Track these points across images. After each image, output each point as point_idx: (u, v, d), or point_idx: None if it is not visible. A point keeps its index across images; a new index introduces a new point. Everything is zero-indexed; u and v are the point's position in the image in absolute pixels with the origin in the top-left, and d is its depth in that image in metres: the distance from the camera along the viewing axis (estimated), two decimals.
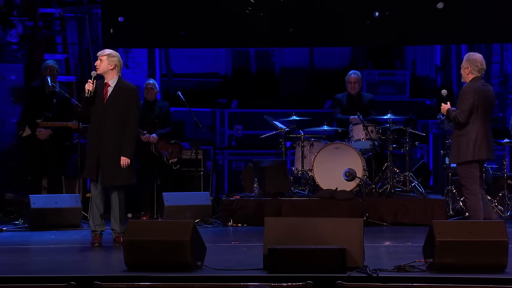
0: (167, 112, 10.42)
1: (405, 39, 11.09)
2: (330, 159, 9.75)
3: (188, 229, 6.43)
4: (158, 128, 10.19)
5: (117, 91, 7.82)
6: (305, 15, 10.62)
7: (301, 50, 12.84)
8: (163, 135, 10.23)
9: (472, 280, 5.87)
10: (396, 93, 12.16)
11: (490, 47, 12.19)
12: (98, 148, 7.80)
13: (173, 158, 10.27)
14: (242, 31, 10.76)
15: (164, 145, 10.25)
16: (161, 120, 10.28)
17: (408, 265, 6.32)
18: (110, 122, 7.78)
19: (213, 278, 6.10)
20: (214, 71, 12.97)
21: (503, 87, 12.10)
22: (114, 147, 7.76)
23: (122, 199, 7.93)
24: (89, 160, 7.89)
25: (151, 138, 10.09)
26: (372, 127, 9.98)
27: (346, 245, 6.23)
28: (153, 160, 10.19)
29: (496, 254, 6.25)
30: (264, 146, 11.13)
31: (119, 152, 7.77)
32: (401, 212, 9.58)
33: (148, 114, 10.17)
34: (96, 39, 11.87)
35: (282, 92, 12.73)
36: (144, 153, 10.05)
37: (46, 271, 6.53)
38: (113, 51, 7.94)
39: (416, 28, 10.60)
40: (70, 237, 8.79)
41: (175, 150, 10.30)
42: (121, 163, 7.77)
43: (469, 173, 7.96)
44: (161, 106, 10.39)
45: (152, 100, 10.30)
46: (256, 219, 9.29)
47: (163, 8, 10.68)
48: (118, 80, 7.87)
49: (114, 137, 7.78)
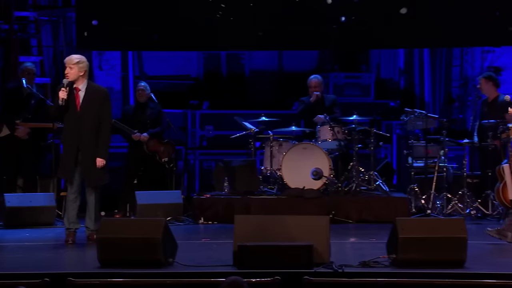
0: (159, 113, 10.42)
1: (370, 43, 11.15)
2: (298, 158, 9.76)
3: (160, 227, 6.42)
4: (149, 128, 10.22)
5: (89, 96, 7.80)
6: (274, 20, 10.63)
7: (270, 53, 12.85)
8: (154, 134, 10.24)
9: (433, 274, 5.91)
10: (362, 95, 12.20)
11: (450, 51, 12.28)
12: (76, 152, 7.79)
13: (165, 157, 10.26)
14: (213, 34, 10.75)
15: (156, 144, 10.25)
16: (152, 120, 10.31)
17: (372, 260, 6.35)
18: (86, 126, 7.77)
19: (184, 274, 6.08)
20: (186, 73, 12.93)
21: (463, 90, 12.20)
22: (92, 150, 7.78)
23: (98, 198, 7.93)
24: (65, 162, 7.87)
25: (141, 137, 10.12)
26: (338, 128, 10.01)
27: (313, 242, 6.25)
28: (144, 159, 10.20)
29: (456, 250, 6.30)
30: (234, 146, 11.12)
31: (96, 154, 7.78)
32: (366, 210, 9.63)
33: (140, 115, 10.24)
34: (71, 42, 11.79)
35: (252, 94, 12.73)
36: (135, 152, 10.07)
37: (20, 268, 6.47)
38: (81, 56, 7.87)
39: (381, 32, 10.66)
40: (44, 235, 8.72)
41: (167, 149, 10.30)
42: (97, 164, 7.76)
43: None
44: (153, 107, 10.40)
45: (143, 102, 10.32)
46: (226, 217, 9.26)
47: (136, 12, 10.64)
48: (88, 85, 7.85)
49: (91, 140, 7.78)
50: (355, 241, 8.19)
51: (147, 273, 6.01)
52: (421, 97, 12.39)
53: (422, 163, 10.12)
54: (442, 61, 12.33)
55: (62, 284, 5.68)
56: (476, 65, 12.12)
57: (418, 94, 12.43)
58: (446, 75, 12.29)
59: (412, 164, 10.19)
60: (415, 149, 10.21)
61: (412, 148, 10.21)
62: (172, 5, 10.62)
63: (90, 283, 5.57)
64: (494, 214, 9.71)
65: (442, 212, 9.71)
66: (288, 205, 9.53)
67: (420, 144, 10.24)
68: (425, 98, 12.34)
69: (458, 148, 10.52)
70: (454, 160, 10.68)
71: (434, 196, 9.78)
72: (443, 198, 9.83)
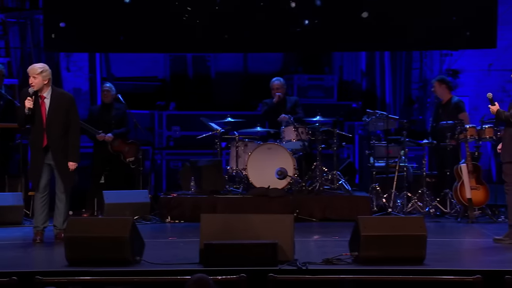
0: (124, 113, 10.36)
1: (333, 46, 11.21)
2: (263, 158, 9.78)
3: (127, 225, 6.39)
4: (114, 128, 10.15)
5: (55, 102, 7.79)
6: (239, 23, 10.64)
7: (235, 55, 12.85)
8: (119, 134, 10.19)
9: (393, 271, 5.96)
10: (325, 97, 12.25)
11: (410, 55, 12.38)
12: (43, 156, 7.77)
13: (130, 157, 10.21)
14: (179, 37, 10.72)
15: (120, 144, 10.19)
16: (117, 121, 10.24)
17: (335, 258, 6.38)
18: (54, 131, 7.77)
19: (151, 272, 6.07)
20: (152, 74, 12.88)
21: (422, 92, 12.31)
22: (62, 154, 7.79)
23: (68, 199, 7.91)
24: (34, 168, 7.87)
25: (106, 137, 10.06)
26: (302, 129, 10.05)
27: (278, 240, 6.26)
28: (109, 159, 10.14)
29: (415, 247, 6.36)
30: (201, 146, 11.10)
31: (67, 158, 7.80)
32: (329, 209, 9.67)
33: (105, 115, 10.18)
34: (38, 44, 11.69)
35: (218, 95, 12.72)
36: (100, 152, 10.00)
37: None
38: (43, 65, 7.85)
39: (343, 36, 10.71)
40: (12, 234, 8.63)
41: (132, 149, 10.24)
42: (69, 168, 7.80)
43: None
44: (118, 107, 10.33)
45: (109, 102, 10.26)
46: (193, 215, 9.26)
47: (103, 14, 10.58)
48: (53, 91, 7.84)
49: (60, 144, 7.79)
50: (319, 239, 8.22)
51: (115, 271, 5.98)
52: (382, 98, 12.47)
53: (383, 163, 10.20)
54: (402, 64, 12.43)
55: (30, 283, 5.63)
56: (435, 68, 12.23)
57: (379, 96, 12.52)
58: (406, 78, 12.39)
59: (373, 164, 10.26)
60: (377, 149, 10.28)
61: (373, 148, 10.29)
62: (138, 7, 10.57)
63: (58, 281, 5.52)
64: (452, 212, 9.81)
65: (402, 210, 9.79)
66: (254, 204, 9.53)
67: (381, 144, 10.32)
68: (386, 100, 12.43)
69: (417, 148, 10.62)
70: (414, 160, 10.78)
71: (395, 195, 9.86)
72: (404, 197, 9.90)
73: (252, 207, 9.37)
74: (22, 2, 12.00)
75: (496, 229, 8.83)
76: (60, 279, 5.64)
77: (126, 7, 10.56)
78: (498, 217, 9.57)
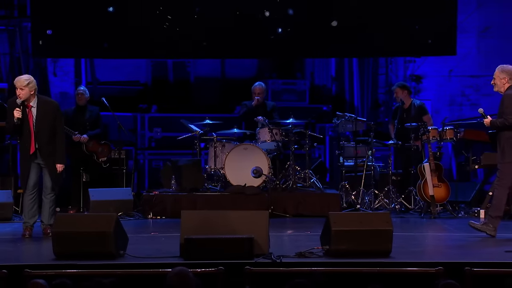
0: (97, 116, 10.31)
1: (304, 52, 11.23)
2: (240, 158, 9.77)
3: (112, 221, 6.36)
4: (88, 130, 10.08)
5: (41, 110, 7.79)
6: (217, 31, 10.63)
7: (213, 61, 12.83)
8: (93, 136, 10.12)
9: (362, 264, 5.98)
10: (297, 100, 12.26)
11: (377, 61, 12.44)
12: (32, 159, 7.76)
13: (103, 157, 10.15)
14: (160, 44, 10.69)
15: (94, 145, 10.13)
16: (91, 122, 10.18)
17: (307, 251, 6.39)
18: (42, 137, 7.77)
19: (134, 265, 6.05)
20: (135, 79, 12.82)
21: (388, 96, 12.36)
22: (51, 157, 7.79)
23: (55, 197, 7.90)
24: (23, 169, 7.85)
25: (81, 138, 9.98)
26: (276, 130, 10.05)
27: (254, 235, 6.26)
28: (84, 159, 10.06)
29: (382, 241, 6.37)
30: (181, 146, 11.06)
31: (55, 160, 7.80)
32: (302, 205, 9.68)
33: (79, 117, 10.08)
34: (26, 50, 11.61)
35: (197, 98, 12.68)
36: (75, 152, 9.92)
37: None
38: (29, 77, 7.83)
39: (314, 43, 10.75)
40: (2, 229, 8.55)
41: (104, 150, 10.19)
42: (58, 169, 7.80)
43: (510, 170, 7.69)
44: (92, 110, 10.28)
45: (83, 105, 10.18)
46: (174, 212, 9.22)
47: (88, 22, 10.53)
48: (38, 100, 7.83)
49: (48, 148, 7.79)
50: (292, 234, 8.22)
51: (100, 265, 5.96)
52: (350, 102, 12.52)
53: (352, 162, 10.24)
54: (369, 70, 12.48)
55: (19, 276, 5.58)
56: (400, 73, 12.30)
57: (348, 99, 12.56)
58: (373, 82, 12.44)
59: (343, 163, 10.28)
60: (346, 149, 10.31)
61: (343, 148, 10.31)
62: (121, 15, 10.54)
63: (46, 274, 5.47)
64: (416, 208, 9.87)
65: (370, 206, 9.82)
66: (231, 201, 9.51)
67: (350, 145, 10.35)
68: (354, 103, 12.47)
69: (384, 149, 10.67)
70: (380, 160, 10.83)
71: (363, 192, 9.89)
72: (371, 194, 9.94)
73: (229, 204, 9.35)
74: (11, 10, 11.91)
75: (456, 223, 8.92)
76: (48, 272, 5.59)
77: (110, 15, 10.52)
78: (458, 213, 9.65)
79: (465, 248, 7.15)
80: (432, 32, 10.62)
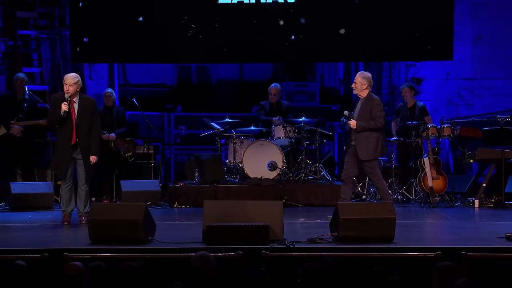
0: (123, 115, 10.30)
1: (315, 57, 11.22)
2: (257, 153, 9.75)
3: (141, 210, 6.37)
4: (115, 128, 10.07)
5: (82, 106, 7.82)
6: (236, 38, 10.62)
7: (232, 65, 12.82)
8: (120, 134, 10.11)
9: (368, 249, 5.96)
10: (309, 100, 12.23)
11: (381, 65, 12.37)
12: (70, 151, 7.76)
13: (129, 152, 10.16)
14: (185, 50, 10.71)
15: (121, 142, 10.13)
16: (118, 121, 10.16)
17: (318, 238, 6.37)
18: (82, 130, 7.78)
19: (162, 249, 6.06)
20: (162, 82, 12.85)
21: (391, 97, 12.31)
22: (87, 150, 7.80)
23: (89, 187, 7.90)
24: (60, 161, 7.85)
25: (110, 137, 9.98)
26: (290, 128, 10.03)
27: (269, 222, 6.25)
28: (112, 154, 10.06)
29: (386, 228, 6.35)
30: (203, 142, 11.07)
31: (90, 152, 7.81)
32: (313, 196, 9.66)
33: (107, 117, 10.05)
34: (66, 56, 11.69)
35: (218, 99, 12.68)
36: (105, 149, 9.94)
37: (24, 244, 6.42)
38: (76, 75, 7.88)
39: (324, 49, 10.73)
40: (44, 217, 8.61)
41: (130, 146, 10.19)
42: (91, 161, 7.80)
43: (376, 164, 8.01)
44: (118, 110, 10.27)
45: (110, 106, 10.17)
46: (197, 202, 9.22)
47: (120, 30, 10.58)
48: (80, 97, 7.86)
49: (86, 141, 7.80)
50: (304, 222, 8.20)
51: (130, 249, 5.98)
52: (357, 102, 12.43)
53: None
54: (374, 73, 12.40)
55: (59, 258, 5.61)
56: (402, 76, 12.24)
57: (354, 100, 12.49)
58: (377, 84, 12.37)
59: None
60: None
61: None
62: (150, 24, 10.56)
63: (83, 257, 5.50)
64: (416, 199, 9.83)
65: (375, 197, 9.77)
66: (249, 192, 9.50)
67: None
68: None
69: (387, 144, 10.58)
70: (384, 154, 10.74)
71: (368, 184, 9.84)
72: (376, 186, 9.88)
73: (247, 195, 9.34)
74: (52, 21, 12.02)
75: (453, 212, 8.87)
76: (84, 256, 5.62)
77: (140, 24, 10.54)
78: (455, 203, 9.58)
79: (461, 235, 7.11)
80: (431, 39, 10.58)
